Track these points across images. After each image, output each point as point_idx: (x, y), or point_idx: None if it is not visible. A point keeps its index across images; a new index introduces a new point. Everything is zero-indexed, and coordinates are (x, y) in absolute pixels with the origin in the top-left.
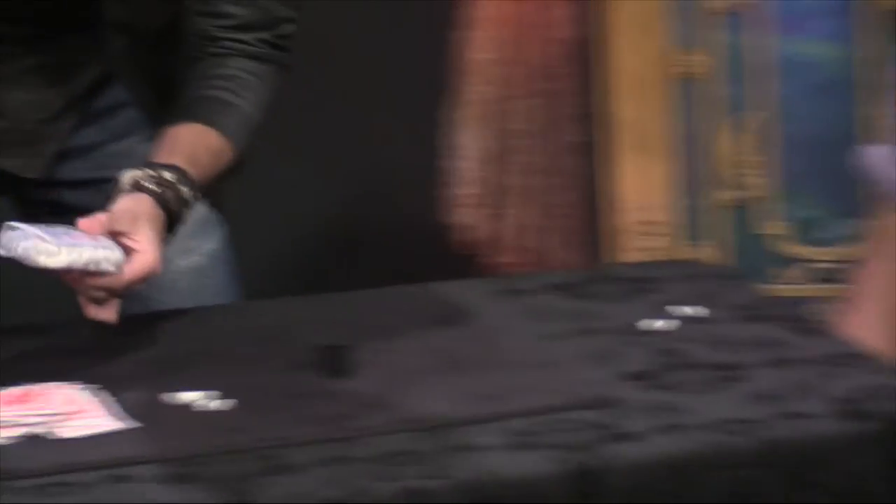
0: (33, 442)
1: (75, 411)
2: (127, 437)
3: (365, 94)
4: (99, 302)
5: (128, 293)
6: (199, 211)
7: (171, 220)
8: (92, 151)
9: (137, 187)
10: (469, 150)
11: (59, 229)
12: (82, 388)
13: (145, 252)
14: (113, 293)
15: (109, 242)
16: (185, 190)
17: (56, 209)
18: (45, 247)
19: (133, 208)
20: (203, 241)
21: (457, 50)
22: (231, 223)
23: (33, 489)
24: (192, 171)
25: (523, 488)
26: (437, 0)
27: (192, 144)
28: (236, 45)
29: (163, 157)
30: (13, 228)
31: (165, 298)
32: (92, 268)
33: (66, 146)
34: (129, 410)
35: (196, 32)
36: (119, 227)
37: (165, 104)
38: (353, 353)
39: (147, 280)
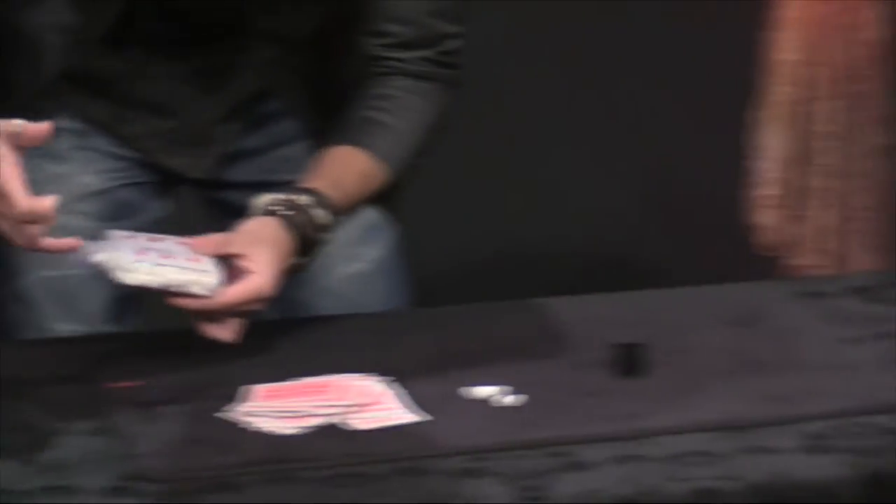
0: (328, 432)
1: (370, 403)
2: (420, 429)
3: (663, 94)
4: (214, 320)
5: (232, 314)
6: (367, 217)
7: (306, 244)
8: (258, 155)
9: (267, 212)
10: (771, 151)
11: (163, 244)
12: (377, 381)
13: (257, 274)
14: (207, 316)
15: (211, 266)
16: (320, 213)
17: (222, 210)
18: (122, 262)
19: (256, 231)
20: (369, 248)
21: (764, 50)
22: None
23: (325, 479)
24: (333, 194)
25: (816, 492)
26: (745, 0)
27: (337, 168)
28: (397, 63)
29: (305, 181)
30: (106, 237)
31: (329, 305)
32: (174, 289)
33: (233, 148)
34: (422, 403)
35: (364, 52)
36: (233, 250)
37: (323, 115)
38: (647, 351)
39: (260, 301)
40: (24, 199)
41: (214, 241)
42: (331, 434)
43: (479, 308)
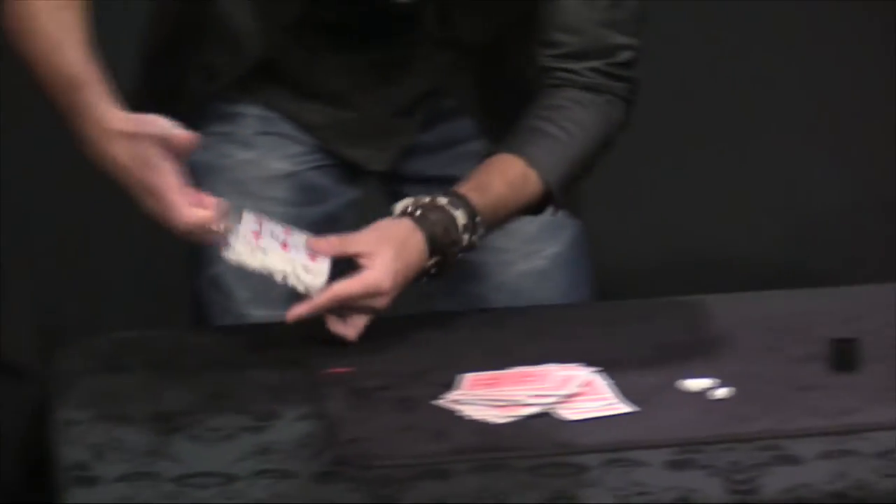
0: (538, 421)
1: (578, 393)
2: (629, 420)
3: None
4: (337, 314)
5: (349, 309)
6: (547, 214)
7: (440, 244)
8: (435, 151)
9: (403, 213)
10: None
11: (291, 237)
12: (584, 371)
13: (372, 270)
14: (316, 308)
15: (324, 268)
16: (458, 214)
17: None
18: (234, 242)
19: (381, 230)
20: (546, 245)
21: None
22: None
23: (534, 468)
24: (476, 198)
25: None
26: None
27: (488, 174)
28: (567, 74)
29: (455, 186)
30: (242, 214)
31: (505, 300)
32: (273, 275)
33: (413, 142)
34: (630, 394)
35: (536, 63)
36: (352, 250)
37: (497, 117)
38: (861, 347)
39: (375, 296)
40: (185, 212)
41: (330, 243)
42: (541, 424)
43: (688, 301)
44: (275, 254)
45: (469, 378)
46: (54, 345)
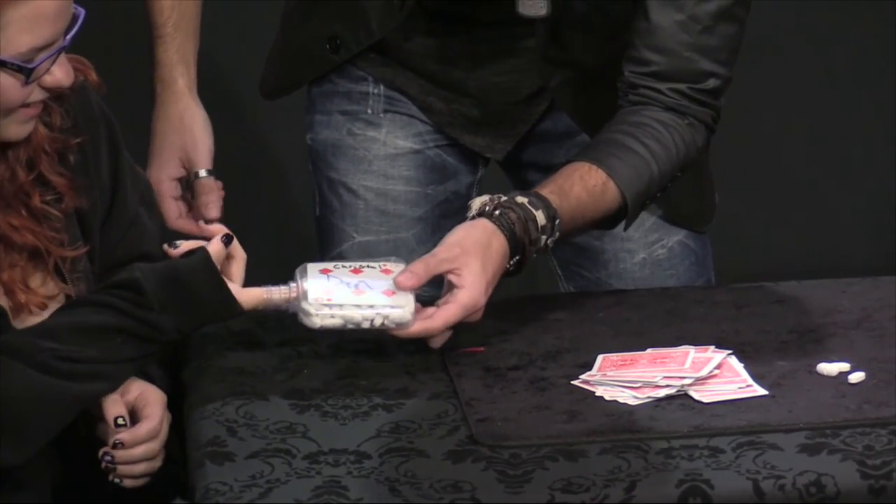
0: (671, 403)
1: (712, 376)
2: (761, 403)
3: None
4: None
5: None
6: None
7: (520, 243)
8: (560, 139)
9: (481, 213)
10: None
11: (364, 276)
12: (716, 353)
13: (465, 290)
14: (428, 335)
15: (407, 298)
16: (539, 214)
17: (516, 186)
18: (303, 305)
19: (461, 241)
20: (667, 235)
21: None
22: None
23: (667, 450)
24: (555, 200)
25: None
26: None
27: (567, 178)
28: (651, 93)
29: (535, 187)
30: (304, 272)
31: (625, 288)
32: (366, 326)
33: (533, 130)
34: (763, 377)
35: (622, 79)
36: (439, 271)
37: (597, 118)
38: None
39: (473, 313)
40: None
41: (418, 275)
42: (674, 406)
43: (823, 284)
44: (351, 305)
45: (602, 359)
46: None
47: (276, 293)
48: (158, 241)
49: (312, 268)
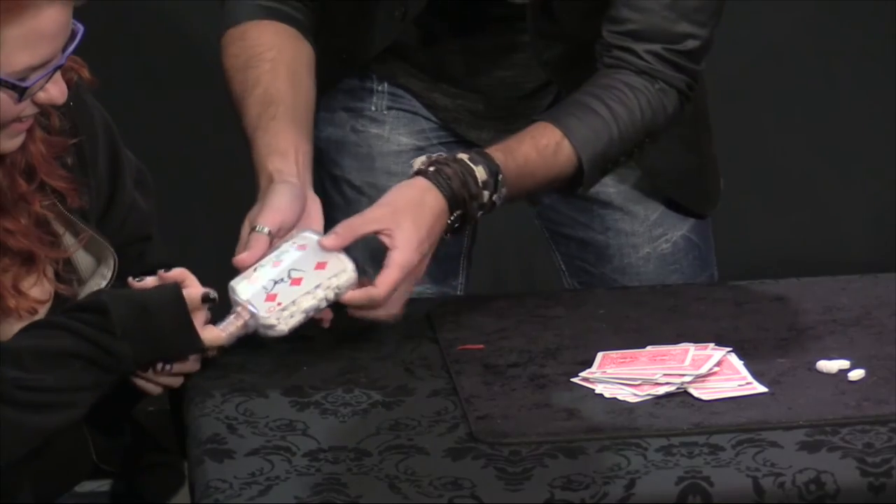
0: (671, 401)
1: (712, 373)
2: (760, 401)
3: None
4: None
5: (399, 295)
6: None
7: (460, 199)
8: None
9: (418, 171)
10: None
11: (290, 265)
12: (715, 351)
13: (398, 250)
14: (375, 303)
15: (341, 262)
16: (479, 170)
17: None
18: (260, 321)
19: (394, 200)
20: (671, 229)
21: None
22: None
23: (663, 448)
24: (501, 157)
25: None
26: None
27: (519, 137)
28: (625, 55)
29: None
30: (233, 290)
31: (628, 283)
32: (324, 305)
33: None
34: (763, 375)
35: (600, 40)
36: (367, 230)
37: None
38: None
39: (411, 273)
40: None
41: (350, 227)
42: (674, 403)
43: (822, 281)
44: (300, 296)
45: (602, 356)
46: None
47: (230, 326)
48: (155, 222)
49: (239, 284)
